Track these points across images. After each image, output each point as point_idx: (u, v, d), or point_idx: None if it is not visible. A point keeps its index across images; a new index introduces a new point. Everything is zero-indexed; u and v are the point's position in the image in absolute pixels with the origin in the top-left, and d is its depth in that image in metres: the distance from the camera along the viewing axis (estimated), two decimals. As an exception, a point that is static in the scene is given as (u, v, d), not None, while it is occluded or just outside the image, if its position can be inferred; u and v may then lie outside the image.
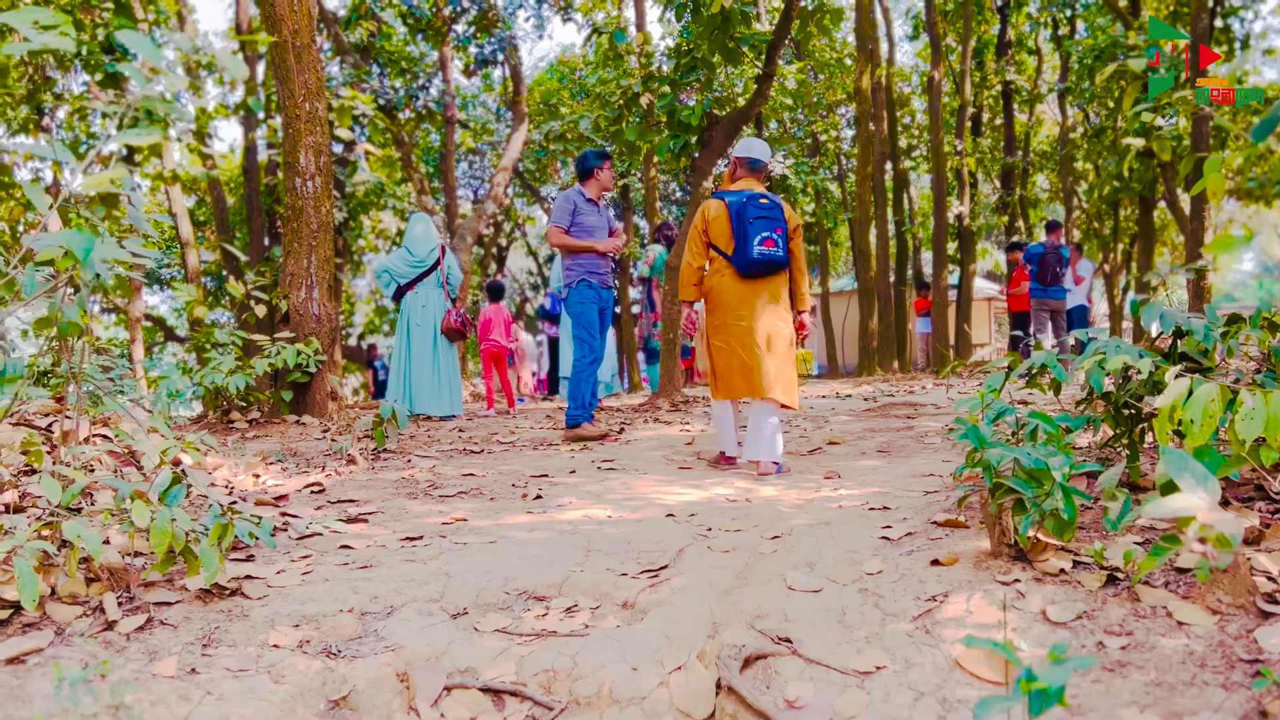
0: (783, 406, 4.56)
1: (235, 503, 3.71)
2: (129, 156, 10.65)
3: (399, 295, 7.81)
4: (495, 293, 9.03)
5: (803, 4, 7.22)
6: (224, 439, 6.05)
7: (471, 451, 5.33)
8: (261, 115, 12.12)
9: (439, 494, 3.86)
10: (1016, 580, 2.34)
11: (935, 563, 2.65)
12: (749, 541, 3.04)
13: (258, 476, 4.20)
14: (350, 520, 3.37)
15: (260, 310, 6.98)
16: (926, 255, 25.58)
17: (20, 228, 15.68)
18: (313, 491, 3.91)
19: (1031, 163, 21.26)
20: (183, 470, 4.13)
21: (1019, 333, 11.53)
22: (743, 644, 2.20)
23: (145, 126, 9.76)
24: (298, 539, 3.13)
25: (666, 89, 7.87)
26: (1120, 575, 2.28)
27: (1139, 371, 2.85)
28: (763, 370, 4.48)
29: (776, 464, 4.49)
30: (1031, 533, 2.53)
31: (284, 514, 3.46)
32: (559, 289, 8.59)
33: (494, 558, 2.89)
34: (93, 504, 3.36)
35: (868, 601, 2.38)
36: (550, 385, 12.79)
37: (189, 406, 7.11)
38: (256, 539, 2.79)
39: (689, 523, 3.31)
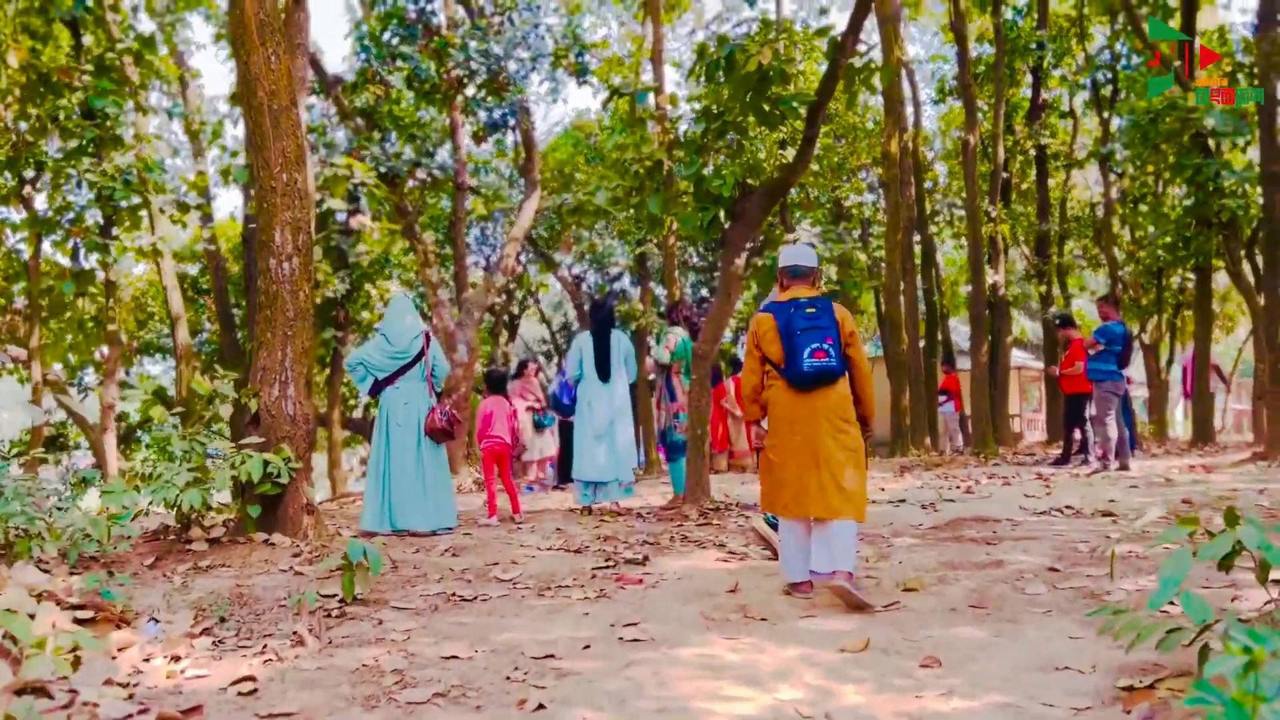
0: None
1: (131, 717, 2.75)
2: (106, 228, 9.86)
3: (376, 390, 6.83)
4: (495, 384, 8.07)
5: (850, 61, 6.39)
6: (173, 568, 5.10)
7: (462, 599, 4.34)
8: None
9: (406, 698, 2.87)
10: None
11: None
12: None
13: (177, 659, 3.23)
14: (274, 764, 2.39)
15: (225, 411, 6.05)
16: (952, 323, 24.60)
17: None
18: (241, 693, 2.93)
19: (1067, 230, 20.37)
20: (77, 655, 3.17)
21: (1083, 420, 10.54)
22: None
23: (123, 194, 9.00)
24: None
25: (693, 155, 7.02)
26: None
27: None
28: (822, 487, 4.11)
29: (849, 574, 4.03)
30: None
31: (189, 743, 2.50)
32: (576, 378, 7.68)
33: None
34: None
35: None
36: (561, 471, 11.94)
37: (143, 519, 6.17)
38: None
39: (755, 771, 2.32)
